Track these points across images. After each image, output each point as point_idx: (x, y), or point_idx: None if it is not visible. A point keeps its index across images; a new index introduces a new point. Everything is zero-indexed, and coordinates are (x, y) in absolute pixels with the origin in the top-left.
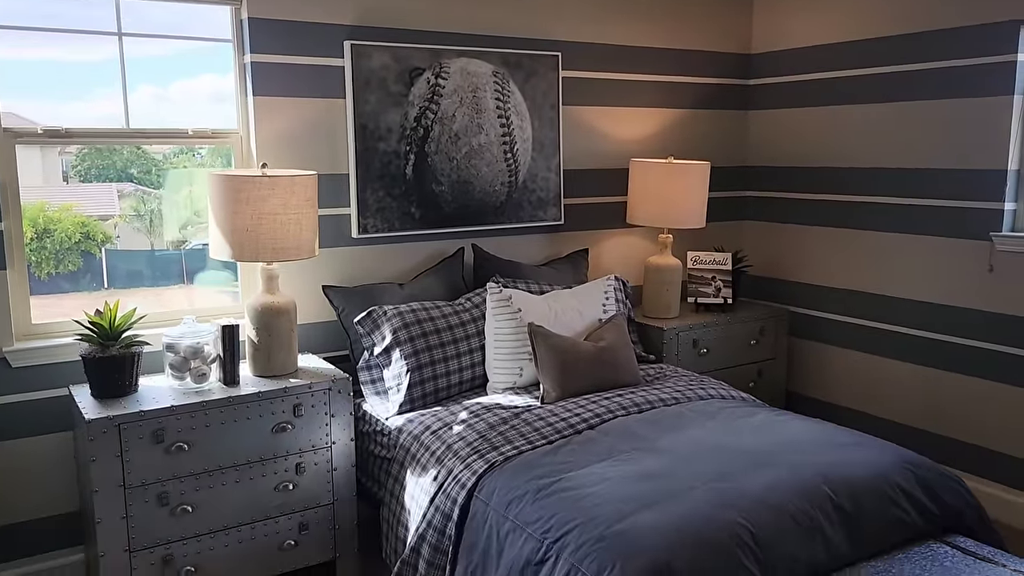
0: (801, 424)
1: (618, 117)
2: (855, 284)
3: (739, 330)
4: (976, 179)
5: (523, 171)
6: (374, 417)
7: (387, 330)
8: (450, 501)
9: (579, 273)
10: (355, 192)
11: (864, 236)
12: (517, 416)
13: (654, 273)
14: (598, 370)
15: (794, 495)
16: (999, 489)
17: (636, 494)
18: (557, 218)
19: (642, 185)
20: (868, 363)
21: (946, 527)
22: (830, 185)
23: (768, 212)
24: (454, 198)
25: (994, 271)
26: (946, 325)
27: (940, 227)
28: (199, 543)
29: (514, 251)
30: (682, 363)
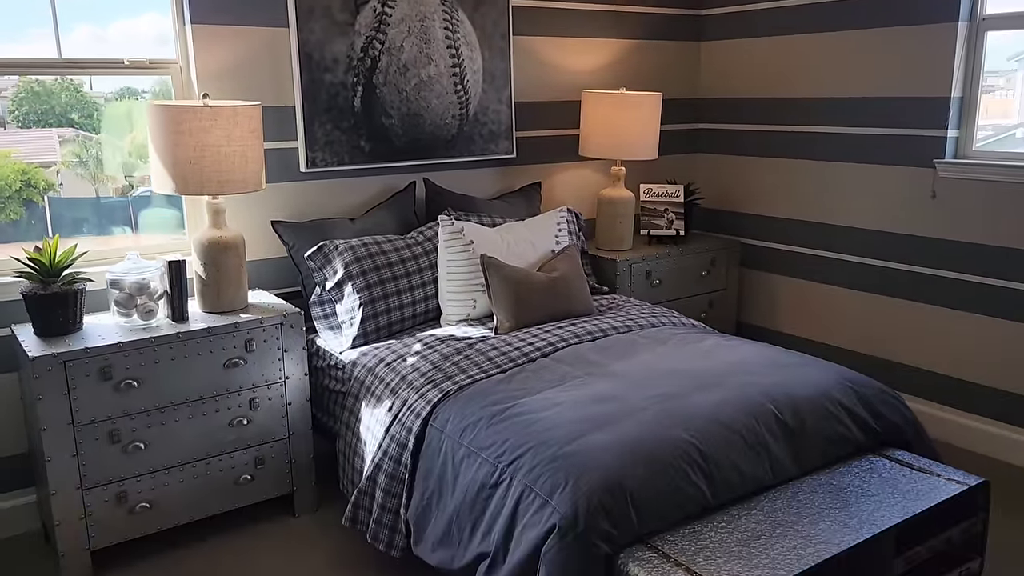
0: (749, 348)
1: (570, 48)
2: (803, 214)
3: (691, 262)
4: (920, 107)
5: (474, 103)
6: (328, 352)
7: (339, 264)
8: (405, 430)
9: (532, 206)
10: (302, 125)
11: (812, 166)
12: (471, 347)
13: (607, 206)
14: (551, 300)
15: (741, 413)
16: (936, 408)
17: (588, 416)
18: (509, 151)
19: (594, 117)
20: (816, 292)
21: (885, 442)
22: (779, 116)
23: (719, 144)
24: (404, 131)
25: (937, 197)
26: (890, 252)
27: (885, 155)
28: (153, 479)
29: (466, 185)
30: (635, 294)
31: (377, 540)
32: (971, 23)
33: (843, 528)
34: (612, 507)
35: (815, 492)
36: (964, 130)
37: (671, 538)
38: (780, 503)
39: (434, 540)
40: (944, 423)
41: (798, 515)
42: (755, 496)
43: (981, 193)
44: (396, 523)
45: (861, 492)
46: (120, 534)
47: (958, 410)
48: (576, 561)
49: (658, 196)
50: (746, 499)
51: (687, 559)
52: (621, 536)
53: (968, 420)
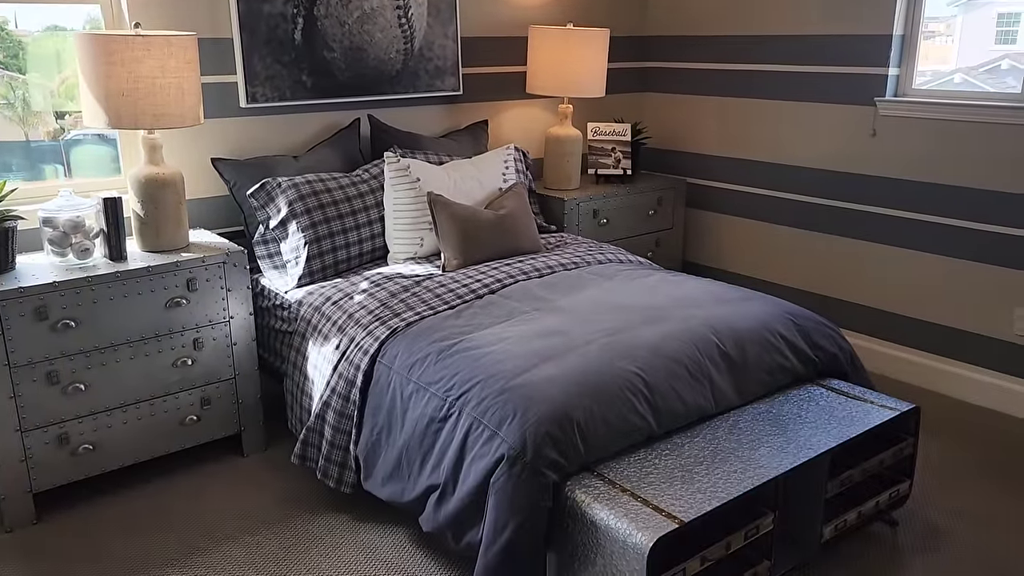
0: (693, 283)
1: None
2: (747, 153)
3: (638, 201)
4: (861, 44)
5: (419, 38)
6: (273, 291)
7: (282, 202)
8: (353, 368)
9: (479, 145)
10: (241, 58)
11: (756, 105)
12: (419, 284)
13: (554, 144)
14: (499, 238)
15: (685, 345)
16: (873, 342)
17: (536, 350)
18: (455, 88)
19: (541, 53)
20: (759, 230)
21: (822, 372)
22: (724, 54)
23: (667, 83)
24: (347, 66)
25: (877, 135)
26: (831, 190)
27: (827, 94)
28: (95, 421)
29: (412, 122)
30: (583, 233)
31: (327, 477)
32: None
33: (781, 453)
34: (559, 437)
35: (755, 420)
36: (905, 68)
37: (617, 466)
38: (722, 431)
39: (384, 475)
40: (880, 356)
41: (739, 442)
42: (698, 425)
43: (920, 131)
44: (346, 459)
45: (799, 419)
46: (63, 476)
47: (893, 343)
48: (524, 489)
49: (605, 135)
50: (689, 428)
51: (632, 485)
52: (568, 465)
53: (903, 353)
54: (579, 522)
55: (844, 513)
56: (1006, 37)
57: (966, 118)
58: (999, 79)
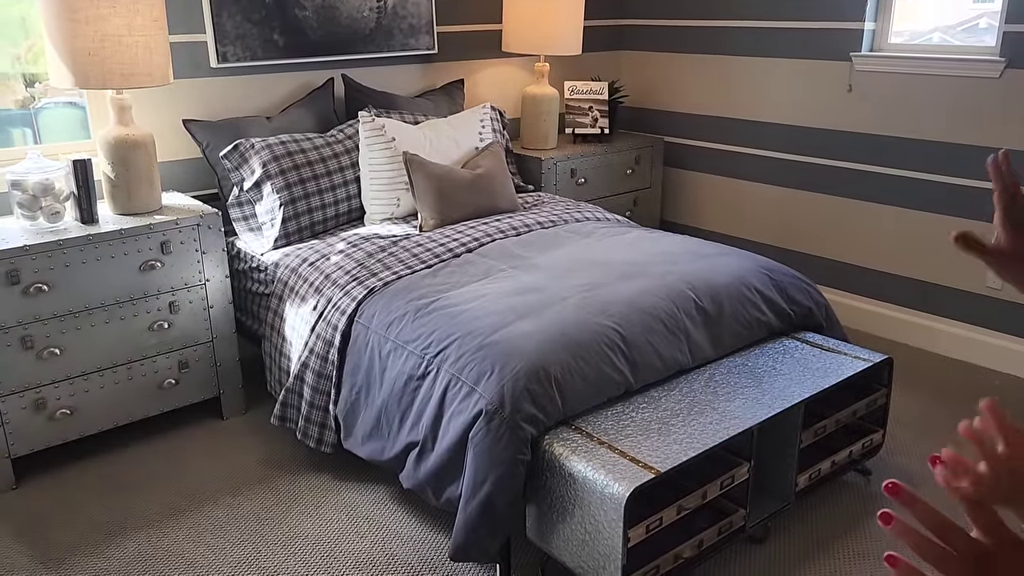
0: (670, 239)
1: None
2: (724, 111)
3: (615, 160)
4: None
5: None
6: (249, 254)
7: (256, 163)
8: (331, 328)
9: (455, 105)
10: (210, 16)
11: (733, 62)
12: (395, 244)
13: (531, 103)
14: (476, 197)
15: (662, 300)
16: (848, 297)
17: (513, 307)
18: (430, 47)
19: (517, 10)
20: (737, 188)
21: (797, 325)
22: (701, 10)
23: (643, 41)
24: (320, 24)
25: (853, 91)
26: (808, 147)
27: (803, 49)
28: (72, 385)
29: (387, 82)
30: (560, 193)
31: (307, 437)
32: None
33: (756, 404)
34: (537, 392)
35: (731, 373)
36: (880, 23)
37: (594, 419)
38: (698, 384)
39: (363, 434)
40: (855, 310)
41: (714, 394)
42: (675, 378)
43: (897, 86)
44: (325, 420)
45: (774, 371)
46: (41, 441)
47: (868, 298)
48: (503, 443)
49: (583, 94)
50: (666, 382)
51: (609, 438)
52: (546, 419)
53: (877, 307)
54: (557, 474)
55: (818, 463)
56: None
57: (942, 71)
58: (977, 37)
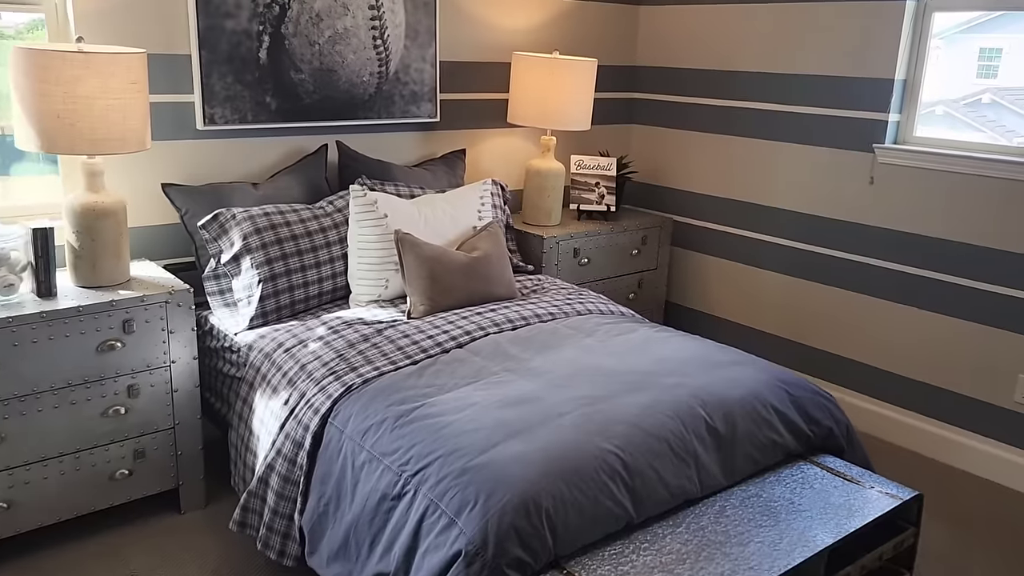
0: (680, 342)
1: (501, 5)
2: (739, 194)
3: (621, 239)
4: (863, 88)
5: (395, 61)
6: (222, 332)
7: (236, 235)
8: (302, 428)
9: (455, 175)
10: (199, 77)
11: (749, 144)
12: (380, 333)
13: (535, 177)
14: (471, 282)
15: (669, 419)
16: (866, 401)
17: (503, 421)
18: (432, 114)
19: (525, 81)
20: (748, 275)
21: (816, 447)
22: (718, 89)
23: (655, 116)
24: (316, 88)
25: (875, 184)
26: (826, 238)
27: (825, 136)
28: (11, 476)
29: (384, 150)
30: (561, 273)
31: (268, 547)
32: (919, 2)
33: (773, 551)
34: (525, 529)
35: (744, 506)
36: (906, 114)
37: (589, 562)
38: (707, 519)
39: (330, 552)
40: (871, 415)
41: (726, 534)
42: (682, 510)
43: (921, 182)
44: (289, 529)
45: (792, 507)
46: None
47: (886, 403)
48: None
49: (590, 169)
50: (672, 514)
51: None
52: (534, 562)
53: (896, 414)
54: None
55: None
56: (988, 71)
57: (972, 171)
58: (979, 112)
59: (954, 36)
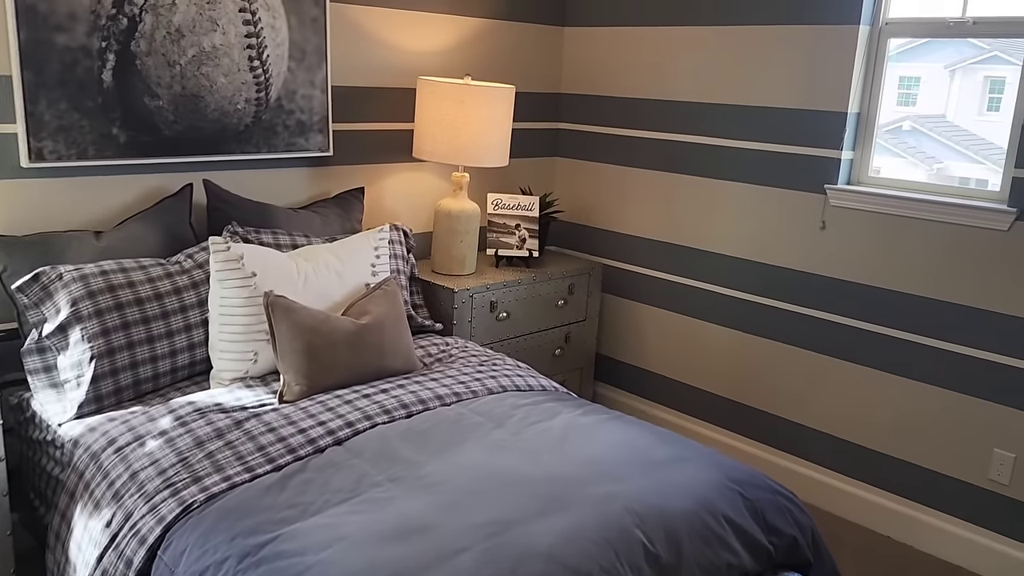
0: (608, 432)
1: (405, 22)
2: (677, 237)
3: (546, 289)
4: (814, 121)
5: (277, 85)
6: (45, 421)
7: (63, 300)
8: (123, 563)
9: (351, 219)
10: (22, 102)
11: (689, 182)
12: (240, 425)
13: (446, 220)
14: (359, 356)
15: (597, 546)
16: (823, 474)
17: (383, 563)
18: (323, 147)
19: (431, 112)
20: (687, 327)
21: (778, 563)
22: (654, 120)
23: (583, 149)
24: (178, 117)
25: (827, 228)
26: (773, 288)
27: (772, 175)
28: None
29: (264, 190)
30: (476, 332)
31: None
32: (873, 27)
33: None
34: None
35: None
36: (860, 151)
37: None
38: None
39: None
40: (828, 491)
41: None
42: None
43: (879, 227)
44: None
45: None
46: None
47: (841, 474)
48: None
49: (509, 209)
50: None
51: None
52: None
53: (856, 489)
54: None
55: None
56: (907, 99)
57: (934, 216)
58: (900, 139)
59: None
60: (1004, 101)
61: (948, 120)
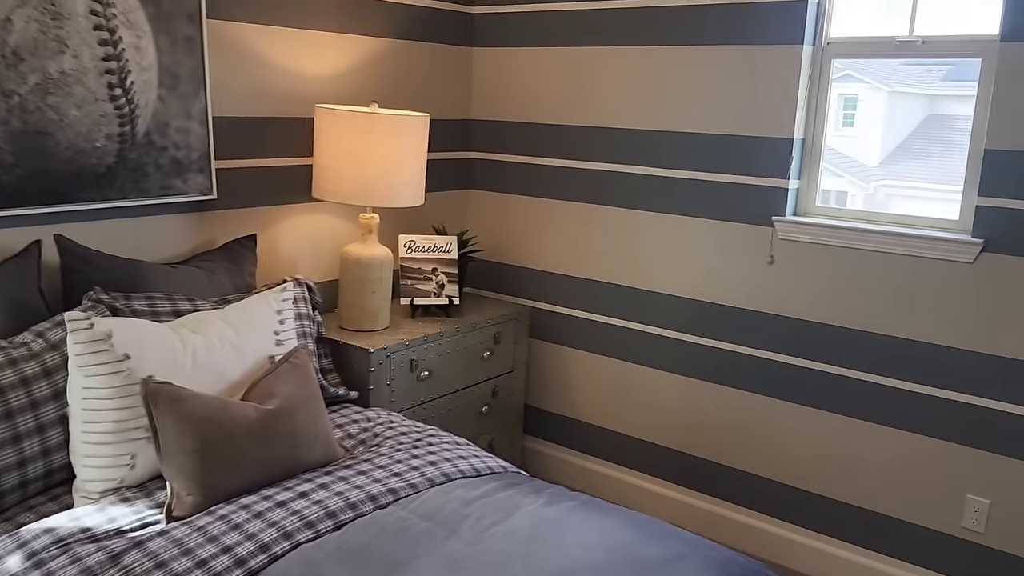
0: (586, 528)
1: (297, 42)
2: (611, 275)
3: (470, 341)
4: (759, 148)
5: (145, 117)
6: None
7: None
8: None
9: (243, 273)
10: None
11: (622, 215)
12: (117, 561)
13: (354, 268)
14: (268, 449)
15: None
16: (782, 528)
17: None
18: (205, 190)
19: (334, 144)
20: (623, 372)
21: None
22: (578, 149)
23: (500, 181)
24: (19, 159)
25: (775, 263)
26: (717, 328)
27: (712, 207)
28: None
29: (135, 243)
30: (397, 395)
31: None
32: (815, 47)
33: None
34: None
35: None
36: (806, 180)
37: None
38: None
39: None
40: (789, 545)
41: None
42: None
43: (830, 260)
44: None
45: None
46: None
47: (800, 527)
48: None
49: (424, 251)
50: None
51: None
52: None
53: (818, 543)
54: None
55: None
56: (847, 120)
57: (891, 249)
58: (839, 160)
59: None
60: (858, 117)
61: None
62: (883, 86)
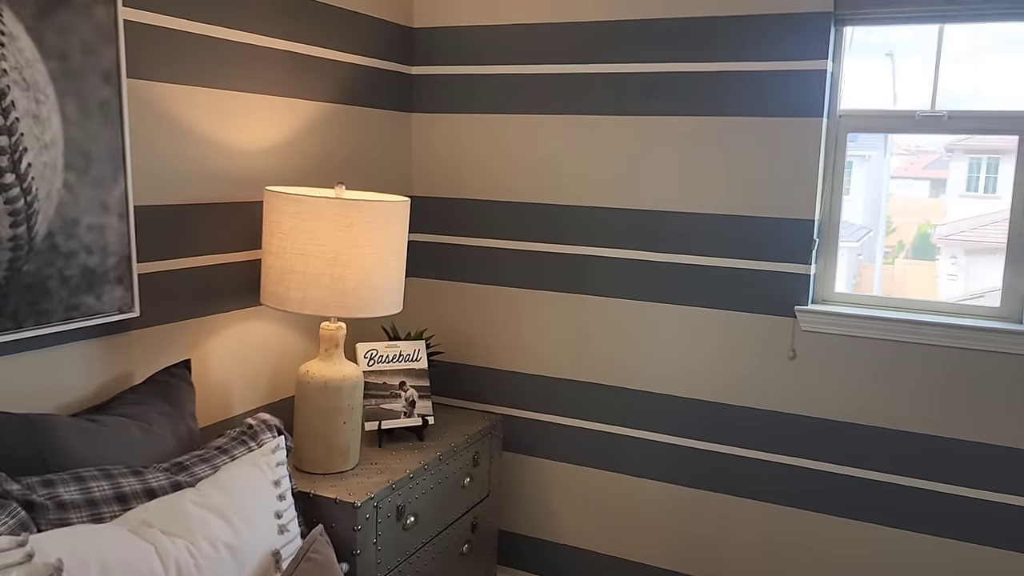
0: None
1: (236, 107)
2: (593, 375)
3: (450, 469)
4: (777, 230)
5: (46, 213)
6: None
7: None
8: None
9: (183, 416)
10: None
11: (610, 306)
12: None
13: (319, 396)
14: None
15: None
16: None
17: None
18: (125, 305)
19: (302, 241)
20: (612, 484)
21: None
22: (553, 231)
23: (447, 267)
24: None
25: (797, 358)
26: (727, 432)
27: (723, 297)
28: None
29: (34, 388)
30: (383, 555)
31: None
32: (830, 120)
33: None
34: None
35: None
36: (823, 263)
37: None
38: None
39: None
40: None
41: None
42: None
43: (859, 353)
44: None
45: None
46: None
47: None
48: None
49: (388, 363)
50: None
51: None
52: None
53: None
54: None
55: None
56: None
57: (929, 340)
58: None
59: None
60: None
61: None
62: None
